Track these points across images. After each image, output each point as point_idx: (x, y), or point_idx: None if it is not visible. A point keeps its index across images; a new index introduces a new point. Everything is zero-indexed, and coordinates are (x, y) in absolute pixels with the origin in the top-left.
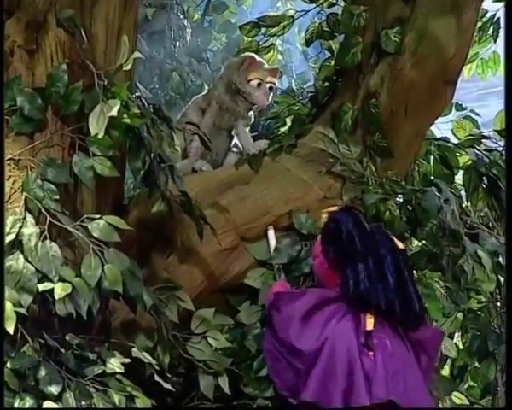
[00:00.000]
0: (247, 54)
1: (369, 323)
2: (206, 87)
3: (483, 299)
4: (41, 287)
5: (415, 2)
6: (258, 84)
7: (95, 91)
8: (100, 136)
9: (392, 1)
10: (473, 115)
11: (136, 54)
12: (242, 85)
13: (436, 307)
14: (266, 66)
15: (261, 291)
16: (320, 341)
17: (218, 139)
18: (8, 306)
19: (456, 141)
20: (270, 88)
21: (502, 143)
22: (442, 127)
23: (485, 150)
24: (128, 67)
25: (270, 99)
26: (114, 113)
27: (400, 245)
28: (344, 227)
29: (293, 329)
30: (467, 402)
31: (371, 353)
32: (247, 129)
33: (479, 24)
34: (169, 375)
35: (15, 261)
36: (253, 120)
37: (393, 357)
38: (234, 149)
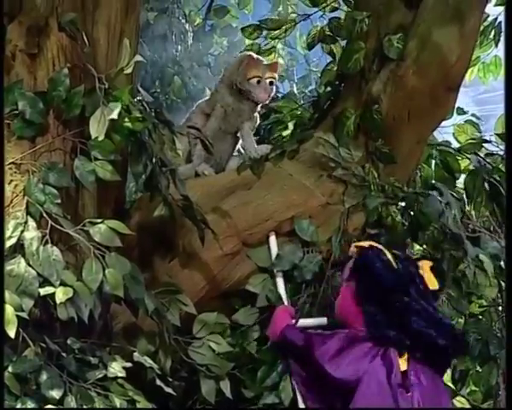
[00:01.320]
0: (244, 53)
1: (403, 362)
2: (208, 91)
3: (484, 303)
4: (42, 291)
5: (417, 8)
6: (258, 82)
7: (96, 95)
8: (100, 139)
9: (395, 7)
10: (474, 119)
11: (138, 57)
12: (243, 85)
13: None
14: (265, 62)
15: (260, 295)
16: (356, 375)
17: (223, 143)
18: (10, 310)
19: (457, 145)
20: (271, 83)
21: (503, 146)
22: (443, 131)
23: (486, 155)
24: (129, 71)
25: (271, 94)
26: (115, 115)
27: (432, 284)
28: (370, 267)
29: (329, 364)
30: (468, 406)
31: (409, 393)
32: (252, 132)
33: (480, 28)
34: (170, 379)
35: (17, 265)
36: (258, 122)
37: (430, 394)
38: (235, 154)
